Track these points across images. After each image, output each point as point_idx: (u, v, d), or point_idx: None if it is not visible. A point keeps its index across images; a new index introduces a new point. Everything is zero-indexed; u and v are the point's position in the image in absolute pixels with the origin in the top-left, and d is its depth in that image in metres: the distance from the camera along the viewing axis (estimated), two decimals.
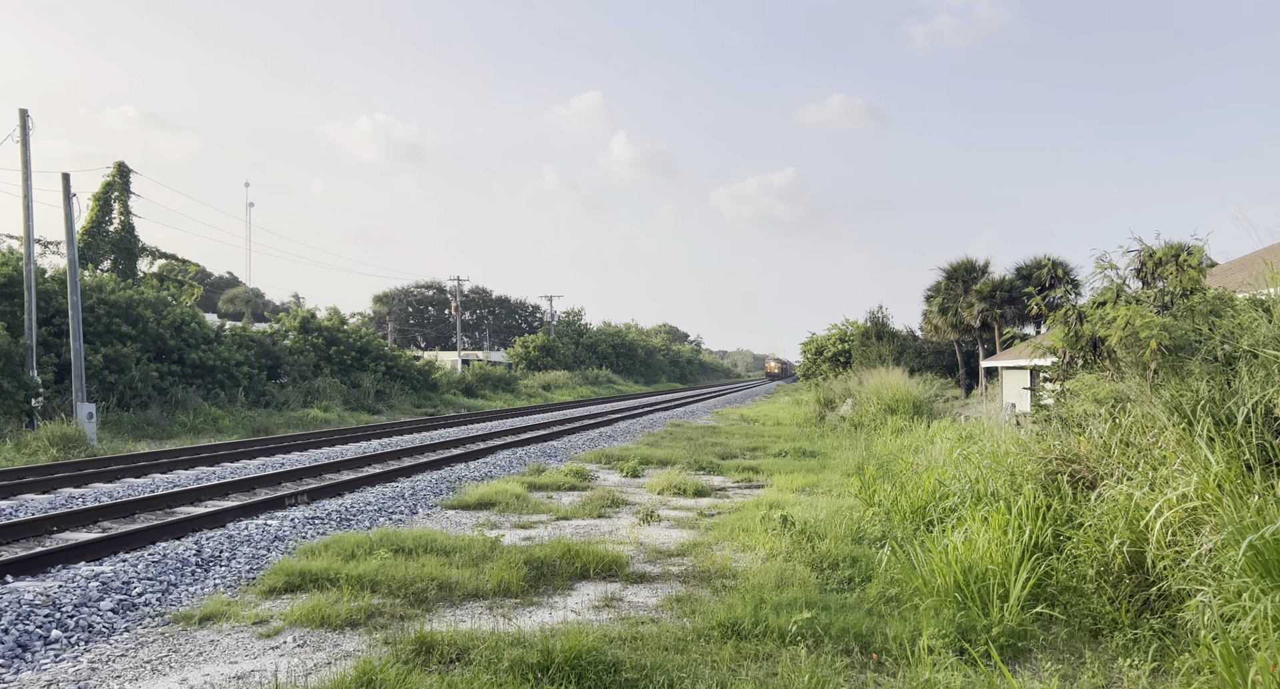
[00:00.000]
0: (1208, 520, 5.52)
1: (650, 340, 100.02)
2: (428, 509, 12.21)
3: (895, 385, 26.17)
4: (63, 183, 23.23)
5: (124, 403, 24.97)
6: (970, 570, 6.53)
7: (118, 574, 7.68)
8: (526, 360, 68.76)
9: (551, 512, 11.76)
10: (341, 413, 31.65)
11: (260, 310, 75.13)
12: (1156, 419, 7.03)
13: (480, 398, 45.23)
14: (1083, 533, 6.60)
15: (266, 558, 8.79)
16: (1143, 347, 7.72)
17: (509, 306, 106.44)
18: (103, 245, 34.89)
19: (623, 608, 7.12)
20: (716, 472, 16.51)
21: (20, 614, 6.42)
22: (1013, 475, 8.39)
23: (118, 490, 13.40)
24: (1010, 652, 5.86)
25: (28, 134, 22.96)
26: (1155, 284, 8.96)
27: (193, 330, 29.48)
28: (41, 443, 18.37)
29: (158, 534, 9.49)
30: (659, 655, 5.67)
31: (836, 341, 50.18)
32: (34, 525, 9.88)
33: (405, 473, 15.13)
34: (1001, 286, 32.44)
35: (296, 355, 35.01)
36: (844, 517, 9.88)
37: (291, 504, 11.87)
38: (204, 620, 6.75)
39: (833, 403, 31.72)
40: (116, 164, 35.25)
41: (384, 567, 7.93)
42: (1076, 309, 8.99)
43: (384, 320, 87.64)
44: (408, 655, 5.72)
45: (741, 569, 8.05)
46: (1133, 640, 5.68)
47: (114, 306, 26.71)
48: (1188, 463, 6.03)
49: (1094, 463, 7.51)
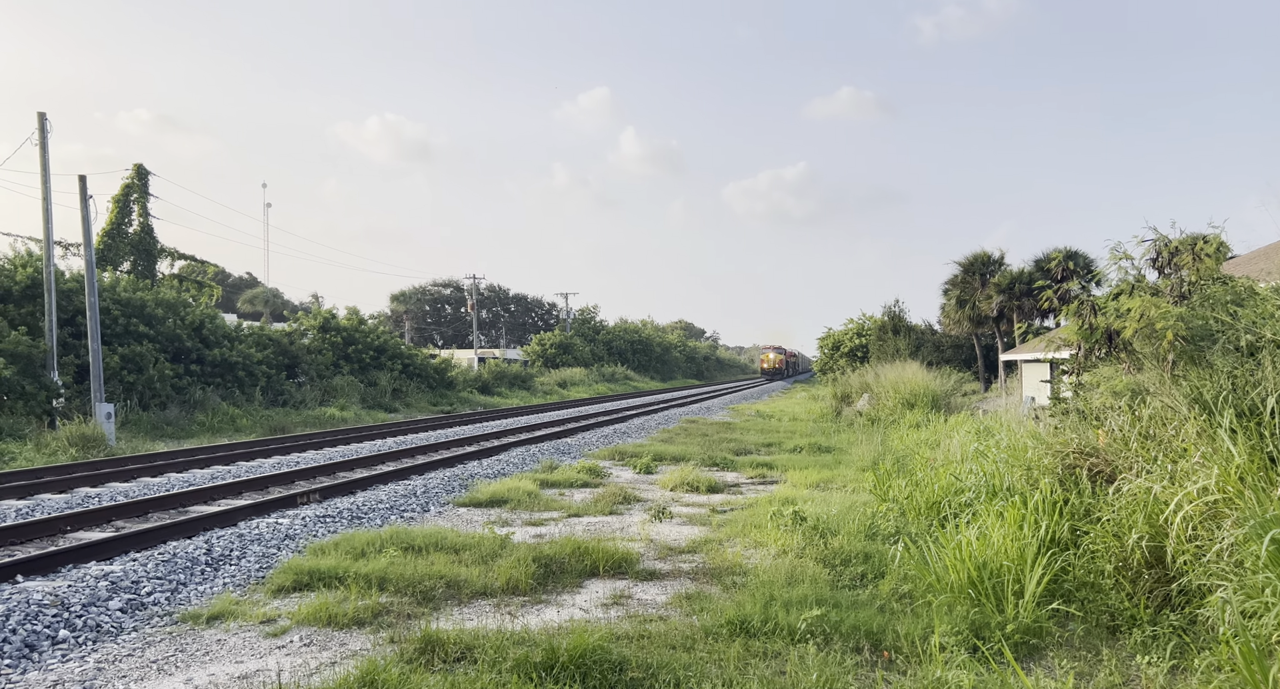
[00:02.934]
0: (1229, 514, 5.36)
1: (666, 337, 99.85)
2: (439, 507, 12.19)
3: (912, 379, 25.92)
4: (79, 185, 23.44)
5: (143, 403, 25.20)
6: (984, 566, 6.40)
7: (127, 573, 7.70)
8: (543, 358, 68.86)
9: (563, 509, 11.70)
10: (358, 411, 31.80)
11: (279, 310, 75.70)
12: (1176, 411, 6.86)
13: (496, 395, 45.34)
14: (1100, 528, 6.45)
15: (276, 556, 8.79)
16: (1159, 338, 7.54)
17: (525, 304, 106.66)
18: (122, 247, 35.24)
19: (631, 605, 7.05)
20: (730, 468, 16.40)
21: (28, 614, 6.44)
22: (1029, 470, 8.24)
23: (133, 490, 13.49)
24: (1025, 649, 5.73)
25: (46, 137, 23.17)
26: (1172, 274, 8.77)
27: (211, 330, 29.72)
28: (61, 443, 18.56)
29: (169, 533, 9.52)
30: (666, 654, 5.58)
31: (853, 336, 49.88)
32: (48, 525, 9.95)
33: (418, 470, 15.13)
34: (1020, 279, 32.05)
35: (314, 354, 35.22)
36: (858, 512, 9.76)
37: (304, 502, 11.89)
38: (212, 620, 6.74)
39: (849, 398, 31.50)
40: (135, 166, 35.58)
41: (393, 565, 7.90)
42: (1091, 301, 8.81)
43: (401, 319, 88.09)
44: (412, 655, 5.67)
45: (752, 566, 7.96)
46: (1151, 637, 5.54)
47: (131, 307, 26.96)
48: (1208, 455, 5.86)
49: (1112, 456, 7.35)
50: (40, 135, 23.09)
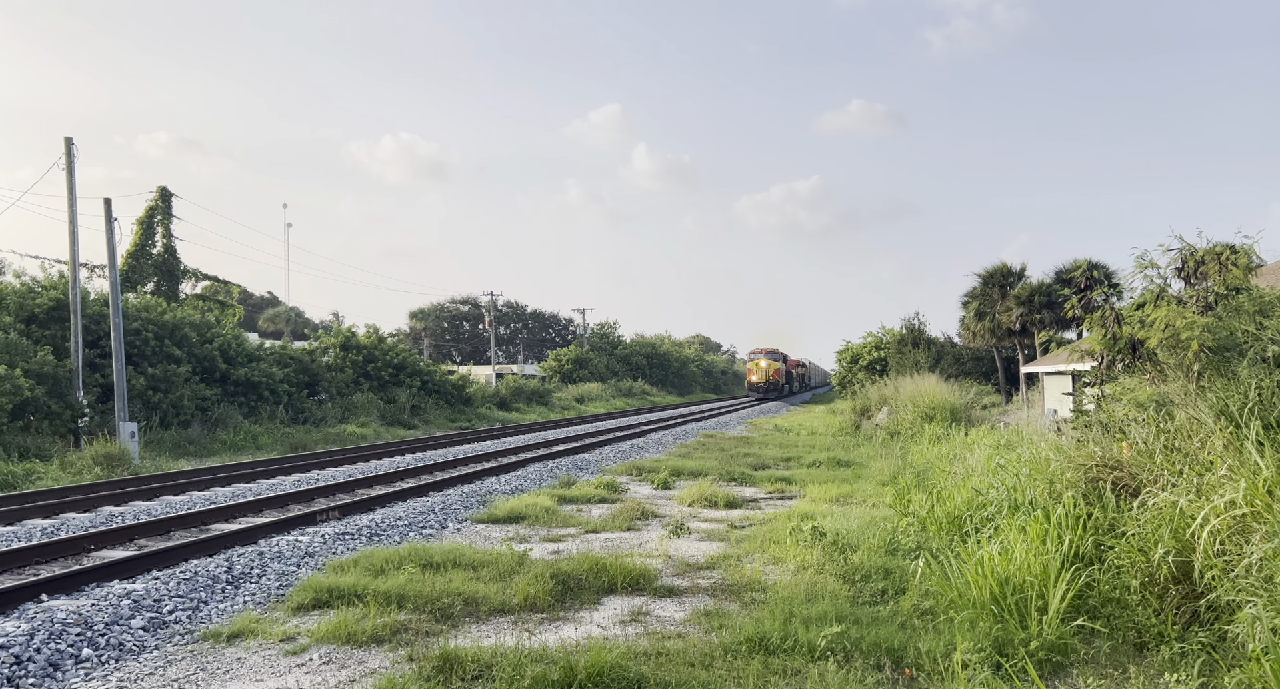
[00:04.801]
0: (1257, 528, 5.26)
1: (684, 351, 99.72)
2: (458, 523, 12.20)
3: (932, 392, 25.72)
4: (105, 208, 23.85)
5: (166, 422, 25.47)
6: (1007, 582, 6.31)
7: (150, 592, 7.75)
8: (560, 373, 68.97)
9: (581, 525, 11.68)
10: (378, 428, 31.96)
11: (300, 328, 76.43)
12: (1202, 423, 6.76)
13: (514, 411, 45.42)
14: (1125, 542, 6.35)
15: (296, 574, 8.83)
16: (1184, 348, 7.44)
17: (543, 320, 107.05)
18: (146, 268, 35.78)
19: (650, 622, 7.01)
20: (748, 483, 16.31)
21: (52, 633, 6.50)
22: (1052, 483, 8.13)
23: (156, 508, 13.62)
24: (1049, 666, 5.64)
25: (73, 161, 23.64)
26: (1198, 284, 8.66)
27: (236, 350, 30.05)
28: (86, 462, 18.77)
29: (191, 551, 9.59)
30: (684, 671, 5.54)
31: (872, 349, 49.59)
32: (72, 544, 10.05)
33: (436, 487, 15.17)
34: (1040, 290, 31.75)
35: (335, 372, 35.49)
36: (878, 528, 9.66)
37: (323, 520, 11.94)
38: (232, 638, 6.77)
39: (869, 411, 31.29)
40: (159, 189, 36.18)
41: (411, 582, 7.91)
42: (1114, 311, 8.72)
43: (420, 336, 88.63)
44: (430, 673, 5.66)
45: (771, 582, 7.89)
46: (1179, 654, 5.43)
47: (166, 329, 27.32)
48: (1235, 468, 5.77)
49: (1137, 469, 7.24)
50: (67, 159, 23.54)
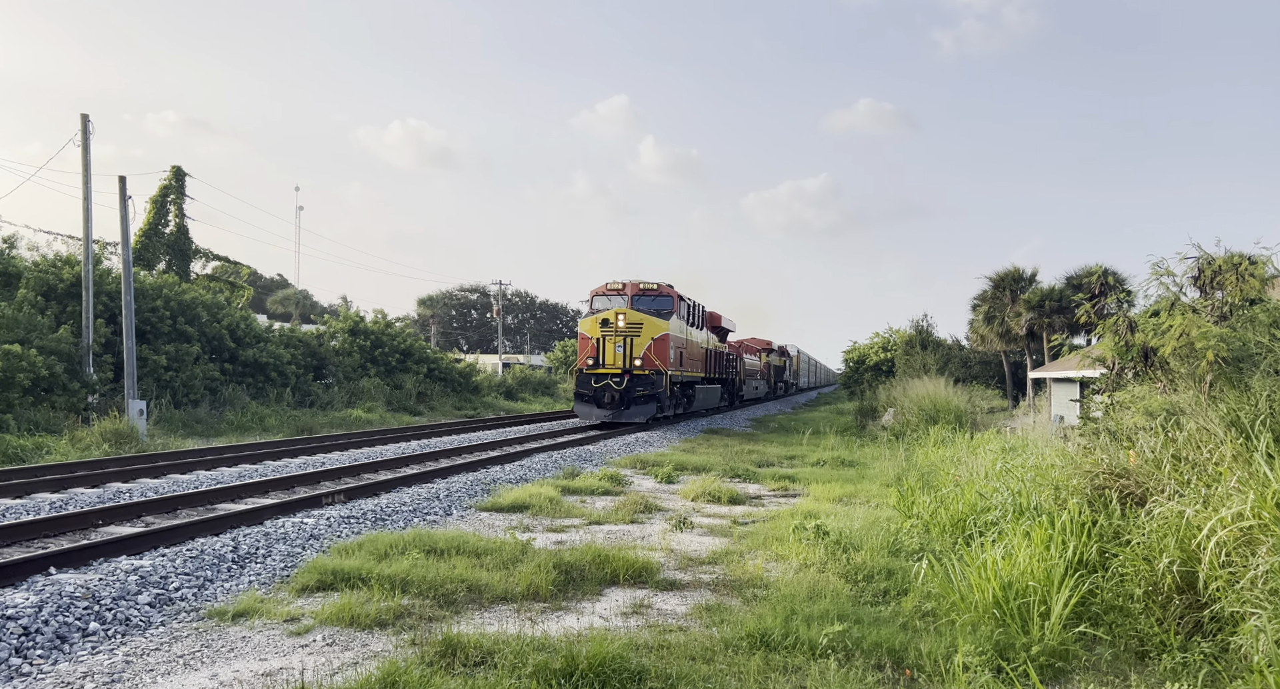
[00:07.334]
0: (1264, 540, 5.25)
1: None
2: (462, 510, 12.25)
3: (938, 395, 25.67)
4: (119, 186, 23.92)
5: (176, 401, 25.62)
6: (1010, 586, 6.31)
7: (156, 569, 7.82)
8: (566, 364, 69.06)
9: (584, 516, 11.72)
10: (384, 414, 32.07)
11: (308, 312, 76.64)
12: (1212, 433, 6.74)
13: (520, 401, 45.54)
14: (1130, 550, 6.34)
15: (301, 556, 8.88)
16: (1198, 358, 7.42)
17: (550, 310, 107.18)
18: (158, 247, 35.93)
19: (651, 615, 7.03)
20: (752, 479, 16.32)
21: (60, 606, 6.56)
22: (1057, 489, 8.12)
23: (163, 486, 13.71)
24: (1050, 672, 5.64)
25: (89, 138, 23.72)
26: (1214, 293, 8.62)
27: (245, 331, 30.19)
28: (95, 438, 18.90)
29: (197, 530, 9.66)
30: (685, 665, 5.57)
31: (879, 350, 49.46)
32: (81, 518, 10.14)
33: (442, 474, 15.23)
34: (1051, 296, 31.62)
35: (342, 356, 35.62)
36: (881, 528, 9.67)
37: (329, 503, 12.01)
38: (237, 617, 6.82)
39: (874, 412, 31.26)
40: (173, 168, 36.29)
41: (415, 567, 7.95)
42: (1128, 318, 8.68)
43: (428, 323, 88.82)
44: (433, 657, 5.70)
45: (773, 579, 7.91)
46: (1181, 664, 5.43)
47: (181, 307, 27.46)
48: (1244, 480, 5.75)
49: (1143, 478, 7.23)
50: (83, 136, 23.63)
